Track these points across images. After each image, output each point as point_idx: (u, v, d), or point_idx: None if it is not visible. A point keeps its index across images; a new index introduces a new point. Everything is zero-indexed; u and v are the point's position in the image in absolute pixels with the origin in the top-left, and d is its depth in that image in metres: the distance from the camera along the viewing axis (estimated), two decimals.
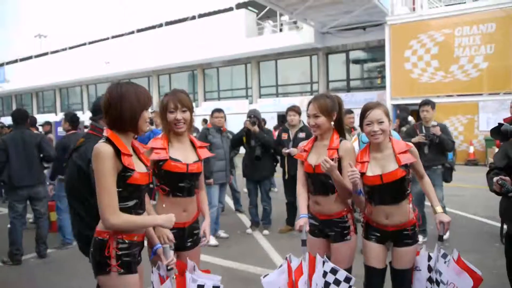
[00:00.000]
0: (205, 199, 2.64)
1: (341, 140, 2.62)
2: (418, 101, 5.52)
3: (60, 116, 26.42)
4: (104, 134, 1.96)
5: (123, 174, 1.90)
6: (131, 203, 1.96)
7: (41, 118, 19.06)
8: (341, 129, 2.69)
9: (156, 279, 2.11)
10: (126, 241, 1.95)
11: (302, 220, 2.56)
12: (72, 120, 5.69)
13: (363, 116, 2.55)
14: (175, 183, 2.36)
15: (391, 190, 2.48)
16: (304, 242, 2.50)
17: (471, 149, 13.26)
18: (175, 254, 2.13)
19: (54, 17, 30.31)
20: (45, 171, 5.69)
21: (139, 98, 1.95)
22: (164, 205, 2.36)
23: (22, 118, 5.27)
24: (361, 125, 2.59)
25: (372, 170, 2.50)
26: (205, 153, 2.56)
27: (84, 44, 28.01)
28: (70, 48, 29.01)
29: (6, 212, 7.59)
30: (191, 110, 2.45)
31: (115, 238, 1.92)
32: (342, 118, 2.70)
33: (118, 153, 1.89)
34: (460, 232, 5.48)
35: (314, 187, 2.67)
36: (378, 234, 2.56)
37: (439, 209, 2.53)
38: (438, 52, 13.87)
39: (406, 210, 2.50)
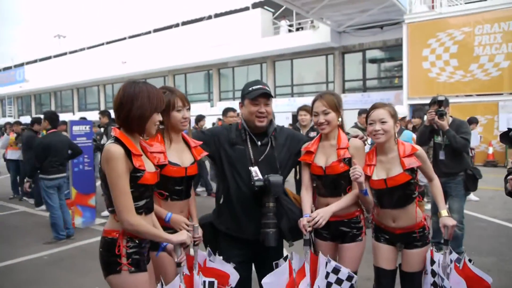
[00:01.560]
0: (194, 199, 2.54)
1: (349, 139, 2.56)
2: None
3: (77, 115, 26.85)
4: (112, 134, 1.93)
5: (134, 174, 1.90)
6: (141, 203, 1.97)
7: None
8: (342, 128, 2.64)
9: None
10: (136, 240, 1.95)
11: (305, 219, 2.43)
12: (51, 118, 5.82)
13: (367, 115, 2.53)
14: (172, 187, 2.31)
15: (396, 194, 2.44)
16: (306, 242, 2.41)
17: (490, 150, 12.95)
18: (185, 251, 2.10)
19: (73, 18, 30.85)
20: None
21: (151, 99, 1.93)
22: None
23: None
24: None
25: (378, 174, 2.47)
26: (200, 152, 2.47)
27: (102, 44, 28.41)
28: (88, 48, 29.47)
29: (21, 209, 7.80)
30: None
31: (125, 237, 1.92)
32: (342, 116, 2.64)
33: (128, 153, 1.88)
34: (477, 235, 5.36)
35: (325, 189, 2.55)
36: (387, 236, 2.54)
37: (443, 212, 2.47)
38: (458, 51, 13.60)
39: (412, 213, 2.46)
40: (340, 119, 2.58)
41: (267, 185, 2.31)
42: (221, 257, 2.41)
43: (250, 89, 2.50)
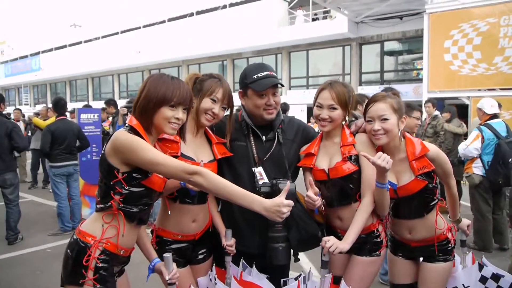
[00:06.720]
0: (215, 205, 2.25)
1: (355, 134, 2.22)
2: (458, 94, 5.03)
3: (92, 105, 26.92)
4: (127, 122, 1.74)
5: (140, 171, 1.67)
6: (135, 209, 1.71)
7: (74, 107, 19.56)
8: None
9: None
10: (112, 253, 1.70)
11: (332, 239, 2.00)
12: (55, 105, 5.80)
13: (365, 110, 2.16)
14: None
15: (411, 203, 2.13)
16: (325, 264, 2.07)
17: None
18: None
19: (88, 7, 30.93)
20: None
21: (159, 89, 1.70)
22: (169, 212, 2.02)
23: None
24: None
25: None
26: (222, 152, 2.14)
27: (116, 33, 28.34)
28: (103, 37, 29.46)
29: (29, 198, 7.77)
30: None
31: (100, 246, 1.66)
32: (350, 115, 2.27)
33: None
34: None
35: (332, 197, 2.18)
36: (404, 249, 2.27)
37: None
38: (481, 43, 13.04)
39: (431, 223, 2.14)
40: (347, 118, 2.21)
41: (275, 191, 1.95)
42: (256, 270, 2.12)
43: (255, 77, 2.16)
